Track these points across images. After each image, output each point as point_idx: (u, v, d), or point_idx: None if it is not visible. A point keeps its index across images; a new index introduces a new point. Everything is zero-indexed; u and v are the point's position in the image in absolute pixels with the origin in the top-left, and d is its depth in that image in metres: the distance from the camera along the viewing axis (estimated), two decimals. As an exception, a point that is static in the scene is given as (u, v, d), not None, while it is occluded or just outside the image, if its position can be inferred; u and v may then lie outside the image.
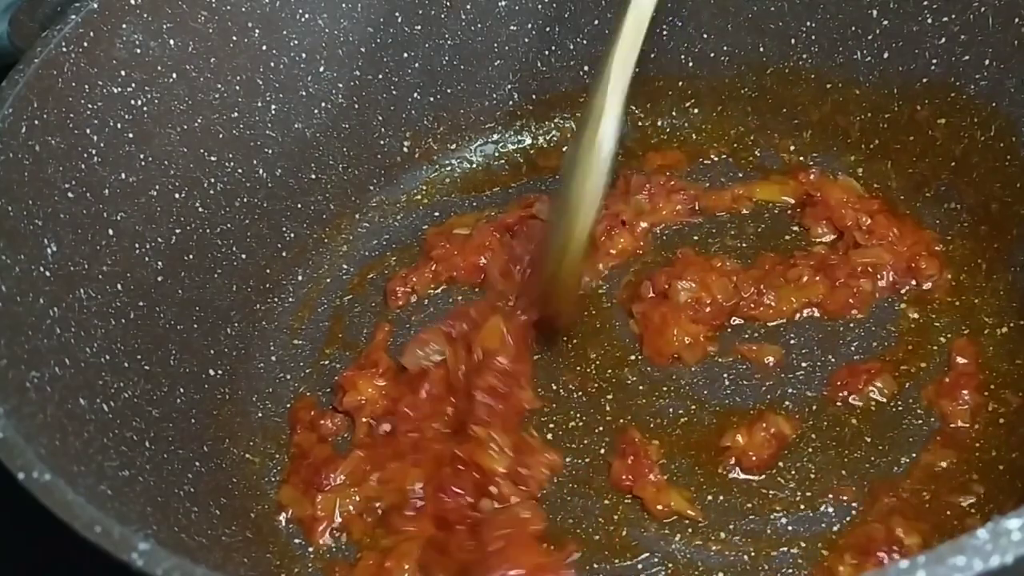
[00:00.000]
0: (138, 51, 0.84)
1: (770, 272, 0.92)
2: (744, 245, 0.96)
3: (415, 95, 1.05)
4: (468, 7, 1.03)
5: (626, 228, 0.98)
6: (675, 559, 0.76)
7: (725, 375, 0.87)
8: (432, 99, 1.06)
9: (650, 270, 0.94)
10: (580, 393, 0.88)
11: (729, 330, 0.90)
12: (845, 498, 0.78)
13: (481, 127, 1.09)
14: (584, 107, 0.84)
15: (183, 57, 0.88)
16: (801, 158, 1.02)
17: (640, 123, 1.08)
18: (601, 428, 0.85)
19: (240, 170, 0.94)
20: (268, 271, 0.98)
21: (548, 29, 1.05)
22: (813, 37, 0.99)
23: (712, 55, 1.04)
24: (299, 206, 1.01)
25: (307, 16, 0.96)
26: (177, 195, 0.88)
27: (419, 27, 1.02)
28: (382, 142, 1.06)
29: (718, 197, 1.00)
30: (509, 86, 1.08)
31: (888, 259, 0.91)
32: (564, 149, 1.04)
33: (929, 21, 0.90)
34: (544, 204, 0.99)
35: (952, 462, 0.79)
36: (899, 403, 0.83)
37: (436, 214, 1.05)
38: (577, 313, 0.93)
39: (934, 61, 0.92)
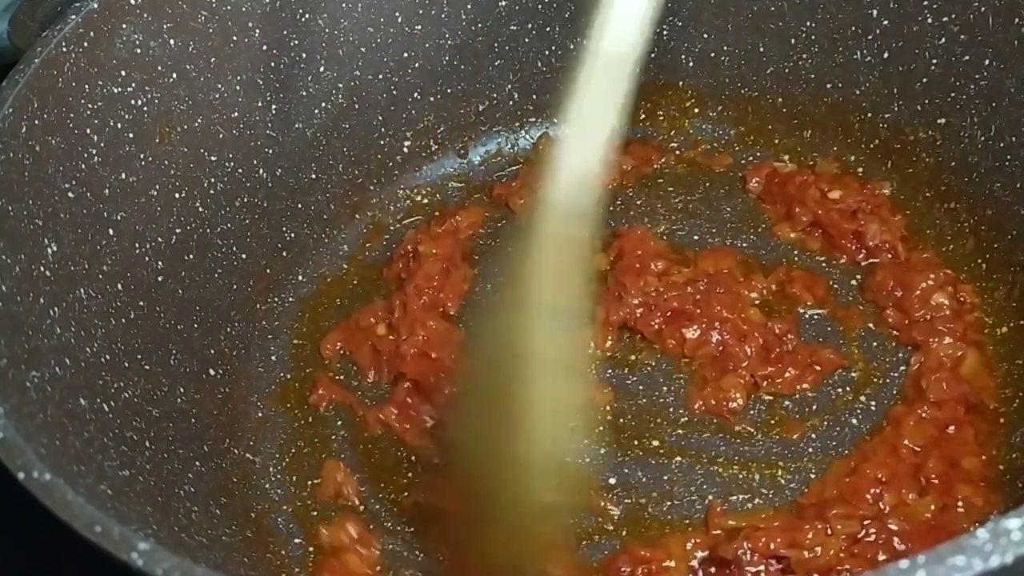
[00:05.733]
0: (138, 51, 0.84)
1: None
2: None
3: (415, 95, 1.05)
4: (468, 7, 1.03)
5: None
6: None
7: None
8: (432, 99, 1.06)
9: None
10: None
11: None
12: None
13: (481, 127, 1.09)
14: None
15: (183, 57, 0.88)
16: (802, 158, 1.02)
17: (640, 123, 1.08)
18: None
19: (240, 170, 0.94)
20: (268, 271, 0.98)
21: (548, 29, 1.05)
22: (813, 37, 0.99)
23: (712, 55, 1.04)
24: (299, 206, 1.01)
25: (307, 16, 0.96)
26: (177, 195, 0.88)
27: (419, 27, 1.02)
28: (382, 142, 1.05)
29: None
30: (509, 86, 1.08)
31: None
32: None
33: (929, 21, 0.90)
34: None
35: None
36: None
37: (436, 214, 1.05)
38: None
39: (934, 61, 0.91)
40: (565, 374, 0.63)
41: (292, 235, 1.00)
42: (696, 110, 1.08)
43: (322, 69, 0.99)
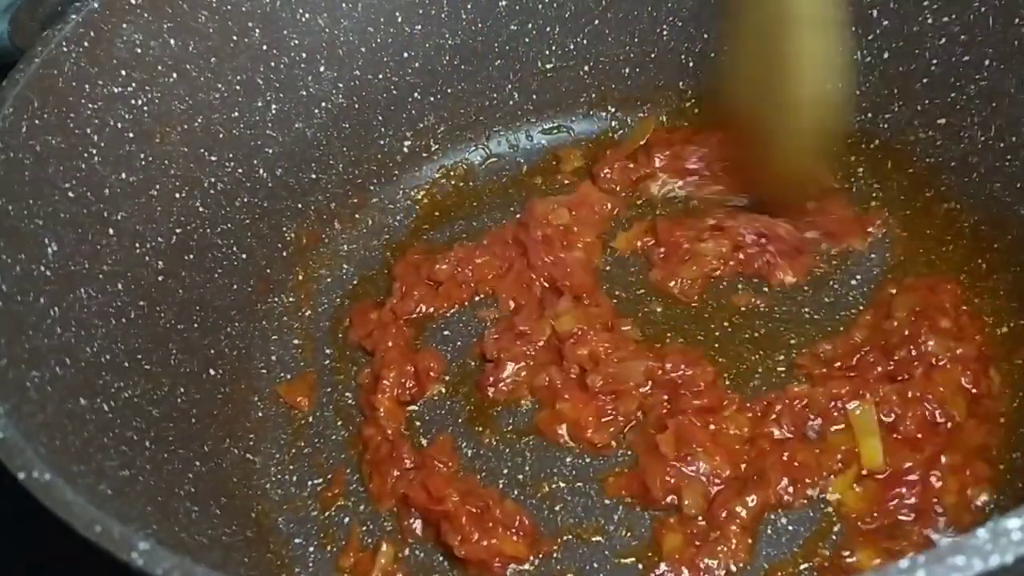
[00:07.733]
0: (138, 51, 0.84)
1: None
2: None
3: (415, 95, 1.05)
4: (468, 7, 1.03)
5: None
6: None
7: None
8: (432, 99, 1.06)
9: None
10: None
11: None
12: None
13: (481, 127, 1.09)
14: None
15: (183, 57, 0.88)
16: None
17: (640, 123, 1.08)
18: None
19: (240, 170, 0.94)
20: (268, 271, 0.98)
21: (548, 29, 1.05)
22: (813, 37, 0.99)
23: (712, 55, 1.04)
24: (299, 206, 1.01)
25: (307, 16, 0.96)
26: (177, 195, 0.88)
27: (419, 27, 1.02)
28: (382, 142, 1.06)
29: None
30: (509, 86, 1.08)
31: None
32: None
33: (929, 21, 0.90)
34: None
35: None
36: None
37: (436, 214, 1.05)
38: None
39: (934, 61, 0.91)
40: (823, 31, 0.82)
41: (292, 235, 1.00)
42: (696, 110, 1.08)
43: (322, 69, 0.99)
